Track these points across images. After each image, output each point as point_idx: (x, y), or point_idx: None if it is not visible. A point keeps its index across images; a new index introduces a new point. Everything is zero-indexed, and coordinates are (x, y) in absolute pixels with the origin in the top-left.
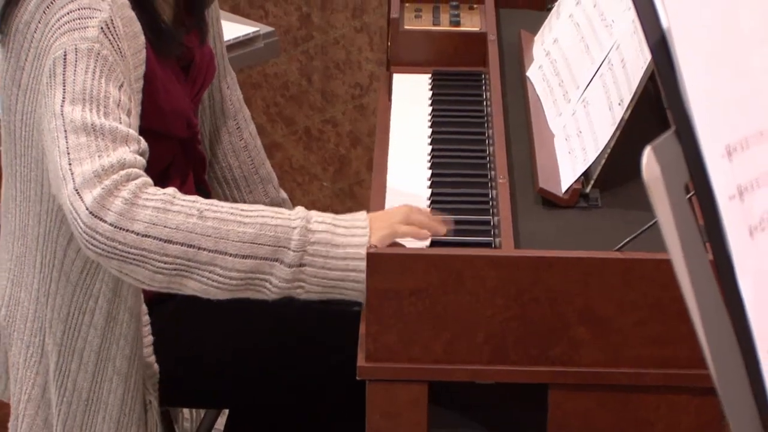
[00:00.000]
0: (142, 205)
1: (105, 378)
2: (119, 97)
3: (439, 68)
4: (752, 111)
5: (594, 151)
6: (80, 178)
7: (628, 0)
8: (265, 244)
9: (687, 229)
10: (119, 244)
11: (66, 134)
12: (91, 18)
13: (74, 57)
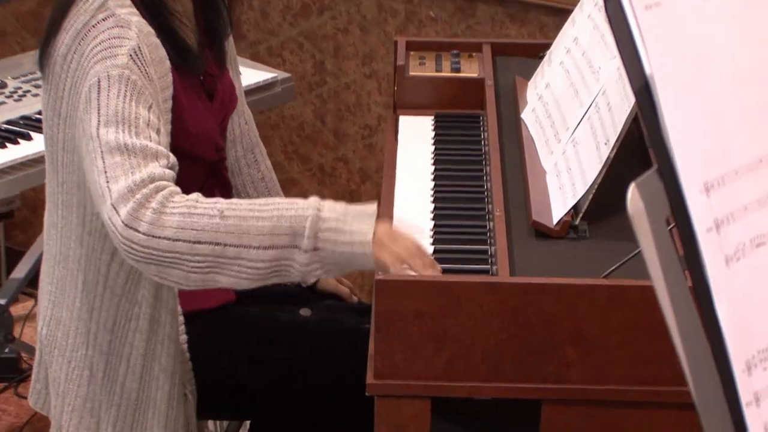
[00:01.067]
0: (169, 212)
1: (152, 377)
2: (149, 118)
3: (441, 111)
4: (727, 151)
5: (582, 186)
6: (116, 194)
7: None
8: (283, 234)
9: (668, 258)
10: (154, 250)
11: (102, 155)
12: (120, 46)
13: (107, 83)
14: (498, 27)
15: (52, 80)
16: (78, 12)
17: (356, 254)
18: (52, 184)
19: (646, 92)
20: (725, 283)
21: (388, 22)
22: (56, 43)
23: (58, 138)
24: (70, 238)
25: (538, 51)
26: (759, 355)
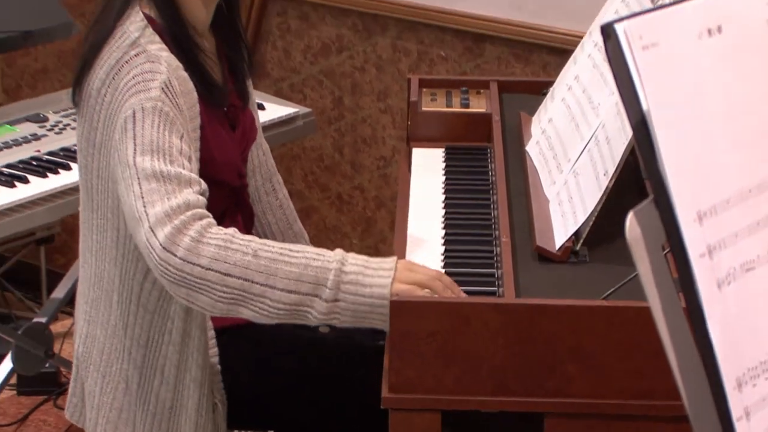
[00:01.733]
0: (206, 242)
1: (184, 386)
2: (181, 146)
3: (451, 143)
4: (719, 182)
5: (583, 214)
6: (153, 218)
7: (613, 86)
8: (307, 282)
9: (664, 281)
10: (187, 274)
11: (139, 181)
12: (152, 80)
13: (141, 115)
14: (504, 66)
15: (86, 113)
16: (111, 49)
17: (374, 306)
18: (86, 211)
19: (643, 127)
20: (717, 305)
21: (401, 61)
22: (90, 78)
23: (93, 166)
24: (104, 260)
25: (542, 88)
26: (748, 372)
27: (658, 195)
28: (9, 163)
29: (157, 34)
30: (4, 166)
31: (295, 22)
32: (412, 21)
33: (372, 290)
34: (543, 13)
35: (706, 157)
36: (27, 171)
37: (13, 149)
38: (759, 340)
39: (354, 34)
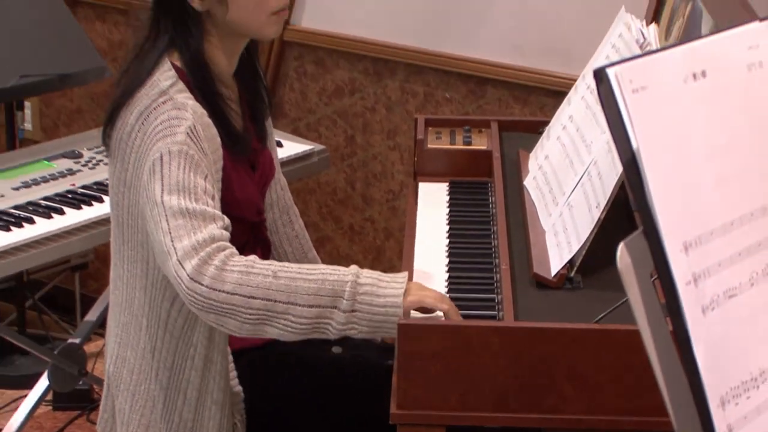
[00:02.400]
0: (230, 270)
1: (205, 408)
2: (205, 186)
3: (455, 178)
4: (704, 215)
5: (577, 243)
6: (181, 251)
7: (604, 126)
8: (326, 295)
9: (652, 307)
10: (214, 301)
11: (167, 218)
12: (179, 126)
13: (168, 157)
14: (504, 106)
15: (117, 154)
16: (141, 96)
17: (388, 315)
18: (117, 242)
19: (633, 164)
20: (702, 329)
21: (409, 102)
22: (121, 123)
23: (123, 204)
24: (134, 288)
25: (539, 127)
26: (731, 392)
27: (647, 226)
28: (46, 195)
29: (184, 84)
30: (42, 199)
31: (311, 67)
32: (420, 65)
33: (386, 300)
34: (540, 58)
35: (691, 192)
36: (63, 203)
37: (50, 183)
38: (741, 362)
39: (365, 77)
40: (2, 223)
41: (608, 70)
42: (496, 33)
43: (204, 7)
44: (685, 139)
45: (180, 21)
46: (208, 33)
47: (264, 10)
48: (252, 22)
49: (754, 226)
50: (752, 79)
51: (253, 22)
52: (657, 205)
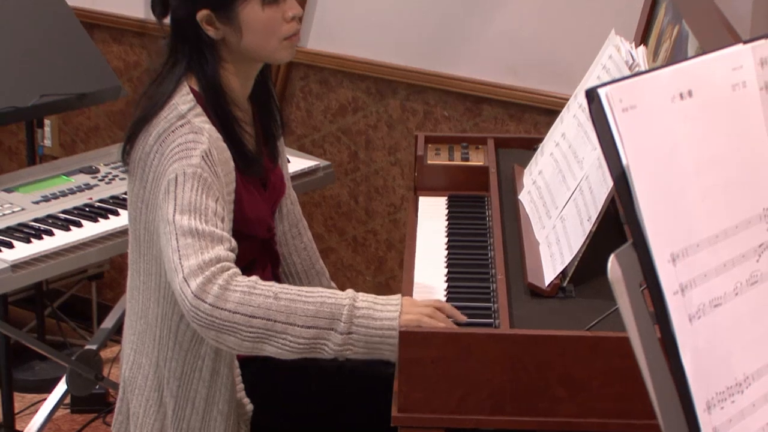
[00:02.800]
0: (232, 290)
1: (212, 418)
2: (216, 208)
3: (453, 192)
4: (690, 228)
5: (569, 255)
6: (187, 269)
7: (595, 143)
8: (324, 318)
9: (641, 315)
10: (216, 318)
11: (177, 237)
12: (194, 149)
13: (182, 179)
14: (500, 124)
15: (136, 173)
16: (160, 119)
17: (384, 337)
18: (134, 255)
19: (623, 179)
20: (689, 337)
21: (409, 120)
22: (139, 143)
23: (141, 219)
24: (149, 299)
25: (533, 144)
26: (717, 396)
27: (636, 239)
28: (65, 209)
29: (201, 107)
30: (61, 212)
31: (316, 86)
32: (419, 85)
33: (382, 323)
34: (534, 78)
35: (678, 206)
36: (80, 216)
37: (69, 197)
38: (726, 368)
39: (368, 96)
40: (23, 235)
41: (599, 90)
42: (492, 55)
43: (219, 35)
44: (673, 156)
45: (196, 49)
46: (224, 60)
47: (276, 36)
48: (265, 48)
49: (738, 238)
50: (736, 99)
51: (266, 48)
52: (646, 219)
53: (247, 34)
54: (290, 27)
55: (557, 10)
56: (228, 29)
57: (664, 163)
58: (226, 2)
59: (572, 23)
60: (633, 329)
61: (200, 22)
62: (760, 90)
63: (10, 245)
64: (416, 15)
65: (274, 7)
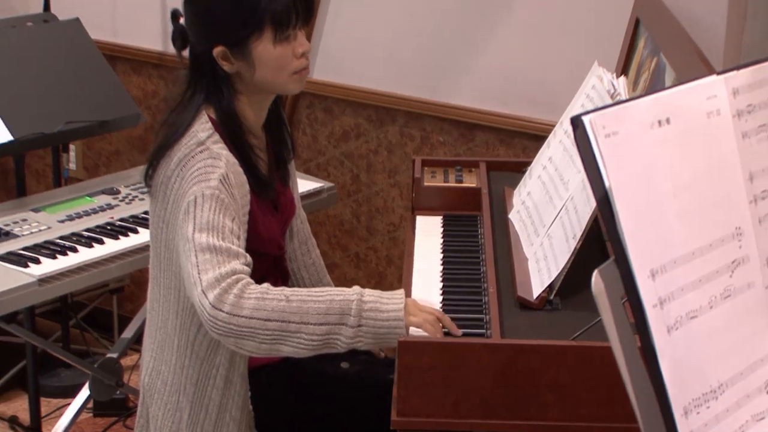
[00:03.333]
0: (246, 297)
1: (224, 423)
2: (232, 227)
3: (448, 212)
4: (668, 245)
5: (556, 270)
6: (206, 283)
7: (580, 166)
8: (334, 314)
9: (623, 326)
10: (234, 326)
11: (196, 253)
12: (213, 173)
13: (202, 200)
14: (491, 149)
15: (158, 195)
16: (181, 145)
17: (392, 327)
18: (155, 270)
19: (605, 200)
20: (667, 347)
21: (407, 145)
22: (161, 168)
23: (161, 238)
24: (168, 311)
25: (522, 167)
26: (693, 402)
27: (618, 255)
28: (88, 227)
29: (219, 135)
30: (84, 230)
31: (321, 114)
32: (417, 112)
33: (389, 314)
34: (522, 106)
35: (657, 225)
36: (102, 234)
37: (92, 216)
38: (702, 376)
39: (369, 123)
40: (49, 251)
41: (584, 118)
42: (483, 85)
43: (233, 69)
44: (652, 178)
45: (213, 82)
46: (238, 92)
47: (287, 71)
48: (276, 81)
49: (713, 255)
50: (711, 126)
51: (278, 82)
52: (627, 237)
53: (260, 69)
54: (300, 62)
55: (543, 44)
56: (242, 64)
57: (643, 186)
58: (240, 40)
59: (557, 55)
60: (615, 339)
61: (216, 58)
62: (733, 117)
63: (37, 261)
64: (414, 48)
65: (284, 45)
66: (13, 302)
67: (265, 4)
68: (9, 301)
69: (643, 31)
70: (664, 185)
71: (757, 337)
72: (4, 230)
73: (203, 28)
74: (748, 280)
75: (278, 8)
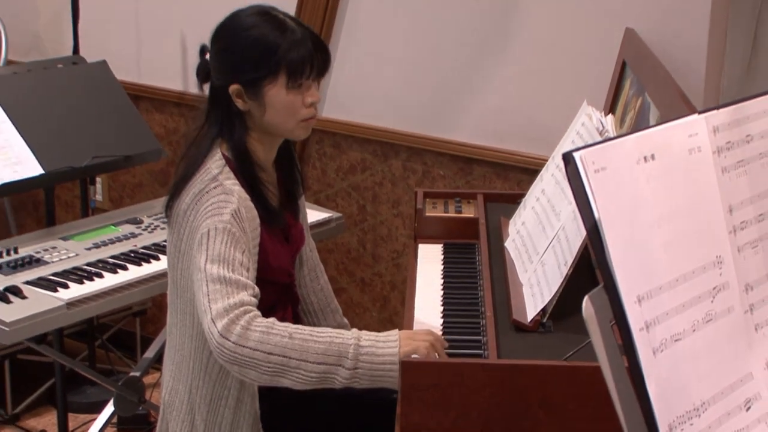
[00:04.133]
0: (252, 330)
1: None
2: (242, 259)
3: (448, 240)
4: (653, 273)
5: (548, 295)
6: (215, 312)
7: (571, 198)
8: (332, 355)
9: (611, 348)
10: (239, 355)
11: (207, 283)
12: (225, 208)
13: (214, 233)
14: (488, 182)
15: (175, 226)
16: (196, 181)
17: (386, 370)
18: (172, 296)
19: (595, 230)
20: (653, 367)
21: (410, 178)
22: (179, 201)
23: (178, 267)
24: (185, 335)
25: (517, 199)
26: (677, 419)
27: (607, 282)
28: (113, 254)
29: (231, 171)
30: (109, 257)
31: (330, 149)
32: (418, 148)
33: (384, 358)
34: (517, 142)
35: (643, 254)
36: (126, 261)
37: (116, 244)
38: (685, 395)
39: (374, 157)
40: (77, 277)
41: (575, 154)
42: (480, 122)
43: (245, 108)
44: (638, 211)
45: (227, 116)
46: (250, 129)
47: (295, 117)
48: (284, 125)
49: (695, 282)
50: (692, 161)
51: (285, 126)
52: (615, 265)
53: (270, 112)
54: (308, 111)
55: (537, 84)
56: (254, 104)
57: (630, 217)
58: (255, 81)
59: (549, 95)
60: (604, 360)
61: (231, 94)
62: (713, 154)
63: (65, 286)
64: (415, 88)
65: (296, 92)
66: (43, 324)
67: (283, 51)
68: (39, 323)
69: (629, 72)
70: (649, 217)
71: (737, 358)
72: (35, 257)
73: (223, 65)
74: (728, 305)
75: (295, 58)
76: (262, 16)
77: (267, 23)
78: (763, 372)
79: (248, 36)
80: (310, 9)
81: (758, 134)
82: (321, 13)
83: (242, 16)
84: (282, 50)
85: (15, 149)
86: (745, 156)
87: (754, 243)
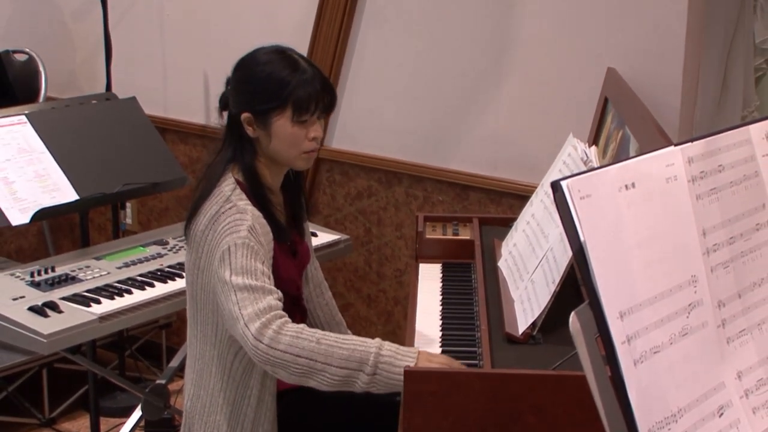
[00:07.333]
0: (284, 334)
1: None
2: (262, 269)
3: (446, 260)
4: (634, 291)
5: (538, 310)
6: (247, 317)
7: (559, 222)
8: (354, 361)
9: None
10: (271, 357)
11: (235, 292)
12: (241, 224)
13: (234, 249)
14: (483, 206)
15: (193, 245)
16: (211, 202)
17: (400, 381)
18: (192, 310)
19: (580, 252)
20: (634, 377)
21: (412, 203)
22: (196, 221)
23: (197, 282)
24: (206, 344)
25: (509, 222)
26: (656, 425)
27: (592, 299)
28: (141, 273)
29: (243, 192)
30: (138, 275)
31: (339, 176)
32: (419, 176)
33: (401, 369)
34: (509, 170)
35: (625, 274)
36: (154, 279)
37: (144, 263)
38: (663, 402)
39: (379, 184)
40: (108, 293)
41: (562, 182)
42: (476, 152)
43: (254, 135)
44: (620, 234)
45: (239, 142)
46: (259, 155)
47: (297, 149)
48: (287, 155)
49: (672, 299)
50: (669, 189)
51: (288, 156)
52: (599, 283)
53: (275, 141)
54: (310, 145)
55: (527, 118)
56: (262, 133)
57: (613, 240)
58: (264, 111)
59: (539, 127)
60: (589, 370)
61: (243, 122)
62: (688, 182)
63: (98, 301)
64: (417, 121)
65: (301, 126)
66: (77, 336)
67: (292, 87)
68: (74, 335)
69: (611, 108)
70: (630, 240)
71: (711, 368)
72: (70, 275)
73: (239, 94)
74: (702, 320)
75: (302, 95)
76: (278, 54)
77: (282, 61)
78: (734, 381)
79: (263, 70)
80: (321, 49)
81: (729, 164)
82: (332, 51)
83: (261, 52)
84: (291, 87)
85: (53, 177)
86: (717, 184)
87: (726, 264)
